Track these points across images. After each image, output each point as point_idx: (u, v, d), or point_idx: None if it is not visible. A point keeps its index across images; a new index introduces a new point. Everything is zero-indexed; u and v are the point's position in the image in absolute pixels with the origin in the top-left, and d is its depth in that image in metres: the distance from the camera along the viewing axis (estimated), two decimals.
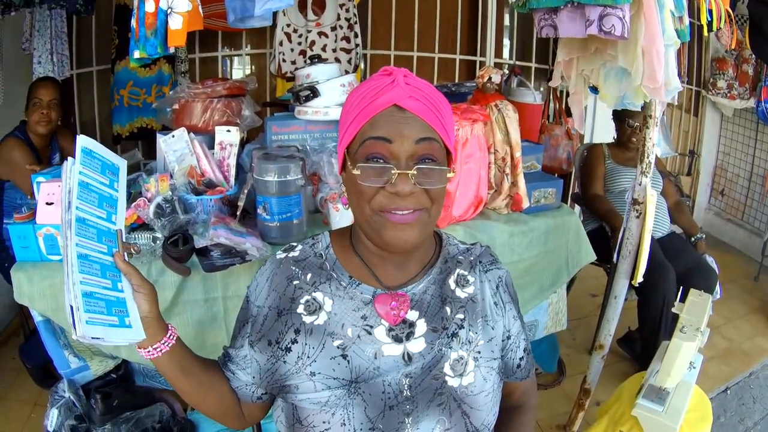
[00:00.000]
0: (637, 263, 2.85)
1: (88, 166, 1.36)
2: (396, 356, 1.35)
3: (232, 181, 2.71)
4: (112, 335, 1.27)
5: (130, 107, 4.41)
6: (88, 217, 1.33)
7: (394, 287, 1.40)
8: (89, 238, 1.32)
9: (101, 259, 1.34)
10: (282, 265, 1.44)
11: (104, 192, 1.41)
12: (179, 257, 2.31)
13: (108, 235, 1.39)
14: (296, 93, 2.86)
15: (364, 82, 1.33)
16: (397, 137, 1.24)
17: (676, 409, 2.47)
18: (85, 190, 1.34)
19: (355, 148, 1.29)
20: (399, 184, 1.23)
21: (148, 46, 2.27)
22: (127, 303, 1.36)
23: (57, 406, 2.55)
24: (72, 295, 1.22)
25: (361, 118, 1.27)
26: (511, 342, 1.52)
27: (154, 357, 1.37)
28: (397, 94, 1.25)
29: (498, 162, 2.92)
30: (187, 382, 1.44)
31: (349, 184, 1.33)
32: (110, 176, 1.45)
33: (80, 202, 1.31)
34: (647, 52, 2.36)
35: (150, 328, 1.36)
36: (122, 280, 1.38)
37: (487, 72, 3.08)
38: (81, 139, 1.36)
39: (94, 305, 1.26)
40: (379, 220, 1.27)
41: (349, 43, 4.54)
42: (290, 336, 1.36)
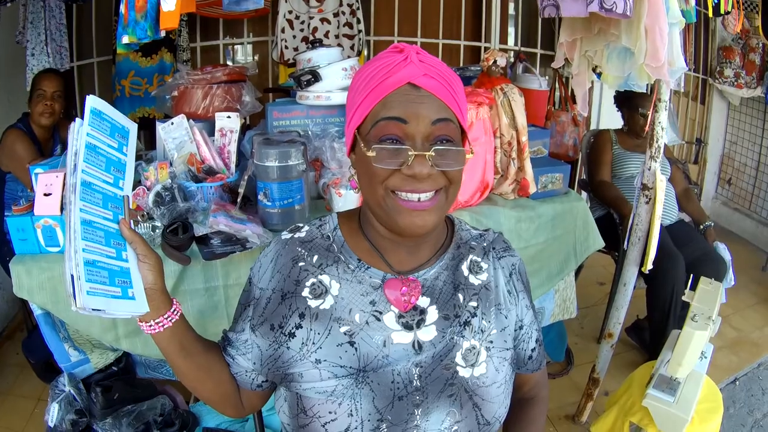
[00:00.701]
0: (646, 250, 2.81)
1: (97, 127, 1.29)
2: (406, 344, 1.31)
3: (232, 167, 2.68)
4: (114, 307, 1.22)
5: (132, 97, 4.39)
6: (94, 181, 1.27)
7: (405, 272, 1.36)
8: (94, 203, 1.26)
9: (106, 226, 1.29)
10: (287, 246, 1.39)
11: (112, 156, 1.35)
12: (179, 246, 2.27)
13: (114, 201, 1.33)
14: (297, 78, 2.82)
15: (374, 59, 1.27)
16: (412, 118, 1.19)
17: (687, 399, 2.44)
18: (93, 152, 1.28)
19: (367, 129, 1.24)
20: (416, 166, 1.18)
21: (138, 29, 2.23)
22: (131, 273, 1.30)
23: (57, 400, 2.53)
24: (73, 264, 1.16)
25: (373, 97, 1.22)
26: (523, 332, 1.48)
27: (156, 332, 1.32)
28: (411, 71, 1.20)
29: (504, 146, 2.88)
30: (185, 362, 1.38)
31: (361, 167, 1.28)
32: (119, 139, 1.38)
33: (86, 165, 1.25)
34: (650, 30, 2.34)
35: (154, 300, 1.31)
36: (127, 249, 1.32)
37: (492, 55, 3.04)
38: (90, 99, 1.29)
39: (96, 274, 1.20)
40: (391, 203, 1.22)
41: (352, 29, 4.51)
42: (294, 320, 1.32)
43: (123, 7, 2.23)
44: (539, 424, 1.64)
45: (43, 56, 3.94)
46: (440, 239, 1.44)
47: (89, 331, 2.33)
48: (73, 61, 4.41)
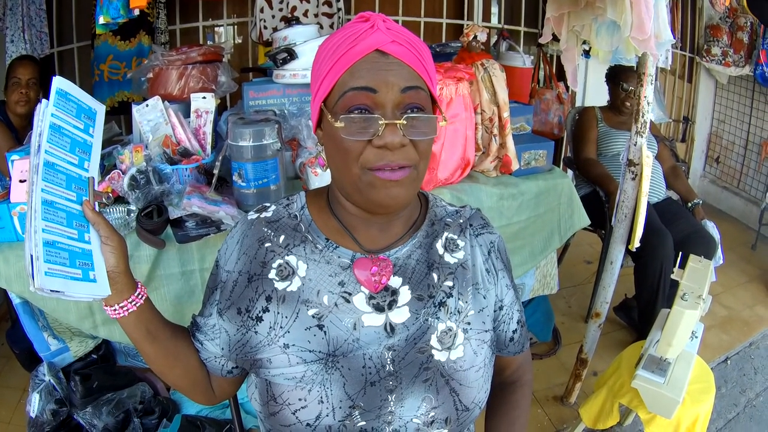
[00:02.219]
0: (633, 227, 2.78)
1: (63, 108, 1.29)
2: (377, 327, 1.26)
3: (208, 149, 2.63)
4: (74, 288, 1.19)
5: (111, 81, 4.33)
6: (57, 162, 1.25)
7: (376, 251, 1.30)
8: (57, 183, 1.24)
9: (68, 207, 1.26)
10: (253, 227, 1.34)
11: (78, 137, 1.33)
12: (153, 229, 2.23)
13: (78, 182, 1.31)
14: (273, 56, 2.77)
15: (338, 30, 1.21)
16: (382, 86, 1.14)
17: (678, 380, 2.42)
18: (57, 133, 1.26)
19: (334, 101, 1.18)
20: (387, 135, 1.13)
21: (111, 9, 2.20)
22: (93, 255, 1.27)
23: (38, 390, 2.52)
24: (32, 243, 1.14)
25: (339, 67, 1.16)
26: (503, 313, 1.43)
27: (120, 316, 1.28)
28: (378, 38, 1.15)
29: (485, 123, 2.84)
30: (152, 347, 1.35)
31: (330, 142, 1.21)
32: (86, 120, 1.37)
33: (50, 146, 1.23)
34: (636, 2, 2.31)
35: (117, 284, 1.27)
36: (90, 231, 1.29)
37: (473, 30, 3.00)
38: (57, 81, 1.28)
39: (56, 255, 1.18)
40: (368, 179, 1.16)
41: (331, 8, 4.45)
42: (261, 304, 1.27)
43: None
44: (523, 409, 1.58)
45: (20, 43, 3.90)
46: (413, 216, 1.38)
47: (67, 319, 2.30)
48: (54, 46, 4.36)
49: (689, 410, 2.45)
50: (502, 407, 1.57)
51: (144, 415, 2.66)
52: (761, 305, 4.60)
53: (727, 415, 3.48)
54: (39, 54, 4.01)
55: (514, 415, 1.55)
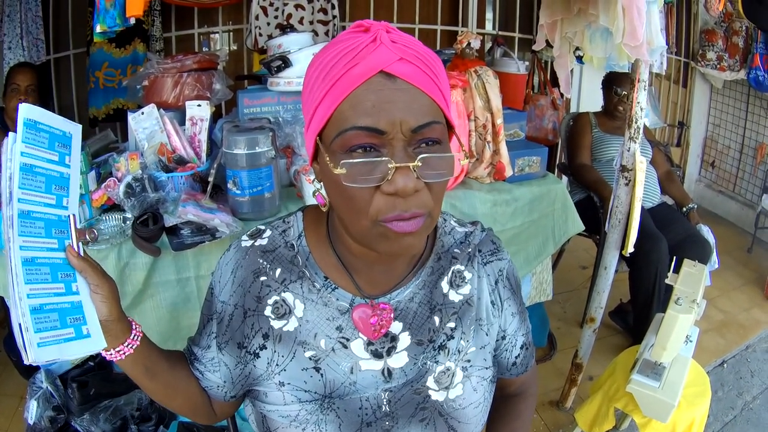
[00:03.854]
0: (627, 233, 2.78)
1: (33, 142, 1.13)
2: (375, 371, 1.22)
3: (203, 156, 2.63)
4: (69, 351, 1.11)
5: (106, 89, 4.32)
6: (33, 208, 1.12)
7: (376, 295, 1.23)
8: (35, 234, 1.12)
9: (51, 258, 1.15)
10: (248, 256, 1.25)
11: (53, 171, 1.18)
12: (149, 237, 2.22)
13: (59, 225, 1.18)
14: (268, 64, 2.77)
15: (333, 42, 1.04)
16: (389, 126, 0.97)
17: (674, 384, 2.42)
18: (29, 174, 1.12)
19: (330, 137, 1.02)
20: (399, 180, 0.96)
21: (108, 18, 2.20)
22: (83, 307, 1.17)
23: (35, 397, 2.52)
24: (19, 312, 1.05)
25: (336, 94, 0.99)
26: (506, 342, 1.39)
27: (117, 360, 1.21)
28: (382, 56, 0.98)
29: (479, 129, 2.85)
30: (152, 382, 1.28)
31: (331, 185, 1.07)
32: (60, 149, 1.20)
33: (23, 192, 1.09)
34: (628, 9, 2.31)
35: (111, 331, 1.18)
36: (77, 280, 1.18)
37: (466, 37, 3.01)
38: (23, 109, 1.11)
39: (45, 320, 1.08)
40: (380, 231, 1.02)
41: (326, 15, 4.45)
42: (258, 341, 1.23)
43: None
44: (525, 420, 1.54)
45: (18, 50, 3.90)
46: (418, 253, 1.29)
47: None
48: (50, 53, 4.36)
49: (685, 414, 2.46)
50: (505, 417, 1.53)
51: (141, 422, 2.66)
52: (757, 308, 4.61)
53: (724, 418, 3.49)
54: (35, 61, 4.00)
55: (516, 425, 1.52)
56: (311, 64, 1.07)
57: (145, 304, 2.37)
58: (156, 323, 2.39)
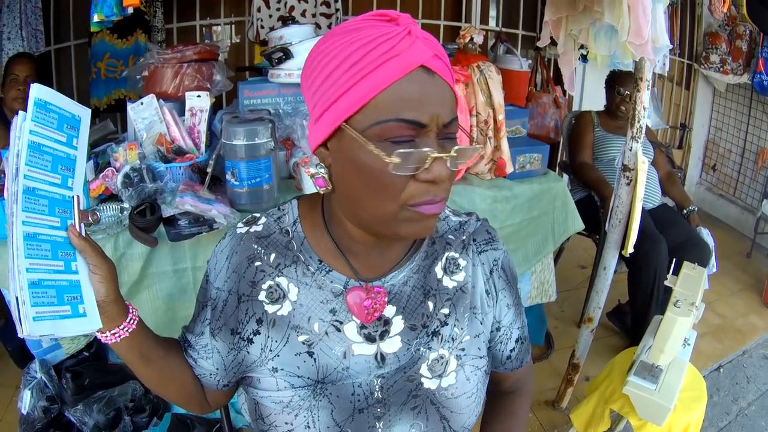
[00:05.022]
0: (627, 233, 2.77)
1: (42, 122, 1.15)
2: (368, 356, 1.23)
3: (202, 147, 2.63)
4: (64, 328, 1.12)
5: (108, 79, 4.33)
6: (38, 185, 1.15)
7: (371, 278, 1.24)
8: (39, 211, 1.14)
9: (53, 236, 1.17)
10: (243, 243, 1.26)
11: (60, 152, 1.21)
12: (146, 227, 2.22)
13: (62, 205, 1.21)
14: (268, 55, 2.77)
15: (349, 29, 1.02)
16: (430, 119, 1.00)
17: (670, 387, 2.41)
18: (36, 152, 1.14)
19: (365, 125, 1.00)
20: (435, 168, 1.01)
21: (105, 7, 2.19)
22: (81, 287, 1.19)
23: (29, 387, 2.52)
24: (17, 286, 1.06)
25: (374, 83, 0.98)
26: (501, 334, 1.39)
27: (112, 342, 1.22)
28: (421, 50, 0.98)
29: (480, 125, 2.84)
30: (147, 368, 1.30)
31: (353, 171, 1.06)
32: (69, 131, 1.23)
33: (29, 169, 1.12)
34: (633, 7, 2.29)
35: (107, 312, 1.20)
36: (77, 259, 1.20)
37: (469, 32, 2.99)
38: (35, 89, 1.14)
39: (42, 295, 1.10)
40: (406, 215, 1.05)
41: (329, 8, 4.44)
42: (252, 326, 1.23)
43: None
44: (520, 418, 1.54)
45: (17, 40, 3.90)
46: None
47: None
48: (50, 44, 4.36)
49: (680, 417, 2.45)
50: (499, 415, 1.53)
51: (134, 413, 2.66)
52: (755, 314, 4.60)
53: (719, 423, 3.48)
54: (34, 52, 4.00)
55: (511, 424, 1.52)
56: (327, 44, 1.04)
57: (141, 294, 2.37)
58: (152, 314, 2.39)
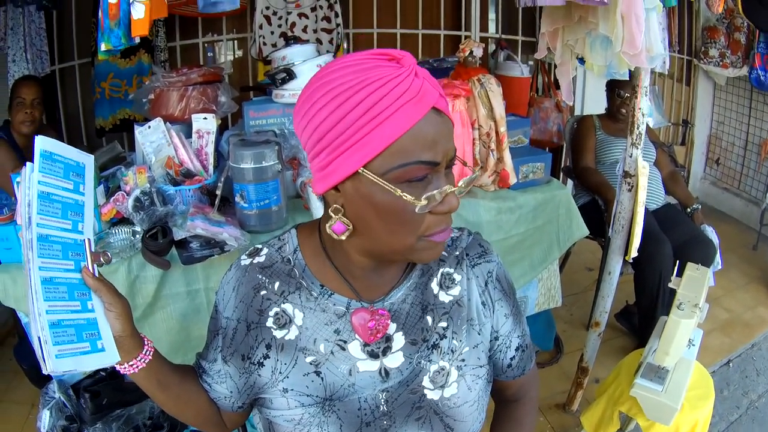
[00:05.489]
0: (630, 238, 2.80)
1: (49, 172, 1.21)
2: (372, 372, 1.27)
3: (210, 169, 2.66)
4: (84, 363, 1.17)
5: (112, 99, 4.37)
6: (51, 232, 1.20)
7: (372, 299, 1.28)
8: (53, 256, 1.19)
9: (68, 278, 1.21)
10: (247, 274, 1.32)
11: (68, 199, 1.26)
12: (158, 250, 2.26)
13: (75, 248, 1.26)
14: (272, 76, 2.81)
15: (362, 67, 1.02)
16: (442, 157, 1.05)
17: (677, 388, 2.43)
18: (47, 201, 1.19)
19: (386, 168, 1.02)
20: (451, 201, 1.07)
21: (113, 37, 2.21)
22: (98, 323, 1.24)
23: (48, 407, 2.54)
24: (39, 326, 1.11)
25: (393, 128, 0.99)
26: (499, 343, 1.42)
27: (131, 373, 1.28)
28: (430, 92, 1.02)
29: (482, 138, 2.87)
30: (164, 395, 1.35)
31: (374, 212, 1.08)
32: (75, 179, 1.29)
33: (41, 217, 1.17)
34: (626, 17, 2.31)
35: (124, 346, 1.25)
36: (92, 298, 1.25)
37: (469, 45, 3.03)
38: (39, 141, 1.19)
39: (63, 334, 1.15)
40: (424, 245, 1.11)
41: (330, 23, 4.48)
42: (262, 351, 1.28)
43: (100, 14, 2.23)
44: (527, 426, 1.57)
45: (22, 62, 3.93)
46: None
47: None
48: (54, 64, 4.40)
49: (688, 416, 2.47)
50: (506, 424, 1.57)
51: (153, 431, 2.68)
52: (762, 306, 4.60)
53: (730, 417, 3.50)
54: (39, 73, 4.05)
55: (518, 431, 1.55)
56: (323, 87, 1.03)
57: (155, 315, 2.41)
58: (166, 334, 2.43)
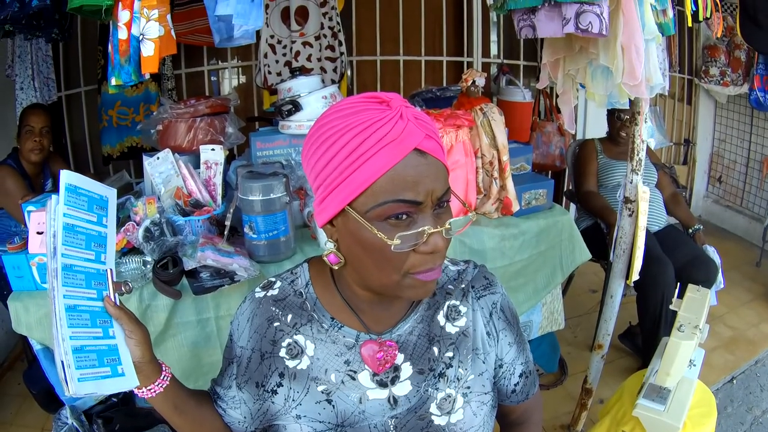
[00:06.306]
0: (631, 261, 2.84)
1: (74, 205, 1.28)
2: (381, 400, 1.31)
3: (219, 199, 2.71)
4: (105, 386, 1.24)
5: (119, 127, 4.41)
6: (75, 262, 1.27)
7: (380, 332, 1.33)
8: (77, 285, 1.27)
9: (91, 306, 1.29)
10: (261, 306, 1.38)
11: (92, 231, 1.34)
12: (169, 280, 2.30)
13: (97, 278, 1.34)
14: (278, 107, 2.85)
15: (352, 111, 1.09)
16: (425, 196, 1.07)
17: (679, 407, 2.45)
18: (71, 233, 1.27)
19: (366, 207, 1.08)
20: (434, 241, 1.10)
21: (123, 73, 2.25)
22: (119, 349, 1.31)
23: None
24: (62, 351, 1.18)
25: (373, 169, 1.05)
26: (503, 370, 1.45)
27: (149, 397, 1.35)
28: (413, 133, 1.06)
29: (485, 166, 2.90)
30: (180, 418, 1.42)
31: (360, 247, 1.14)
32: (98, 211, 1.37)
33: (66, 248, 1.25)
34: (626, 48, 2.34)
35: (143, 372, 1.33)
36: (114, 326, 1.33)
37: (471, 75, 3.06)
38: (64, 176, 1.27)
39: (85, 359, 1.22)
40: (409, 282, 1.15)
41: (334, 52, 4.51)
42: (275, 380, 1.34)
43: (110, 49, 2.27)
44: None
45: (30, 90, 3.97)
46: None
47: None
48: (61, 90, 4.45)
49: None
50: None
51: None
52: (766, 323, 4.61)
53: None
54: (47, 100, 4.09)
55: None
56: (318, 130, 1.12)
57: (167, 343, 2.44)
58: (178, 361, 2.46)
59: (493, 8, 2.67)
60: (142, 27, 2.18)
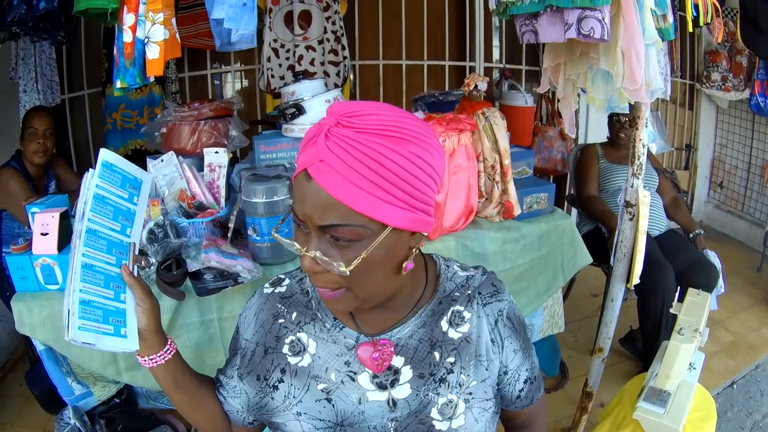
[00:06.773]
0: (632, 266, 2.85)
1: (107, 179, 1.41)
2: (381, 402, 1.31)
3: (222, 202, 2.73)
4: (104, 342, 1.34)
5: (123, 130, 4.43)
6: (100, 228, 1.39)
7: (376, 334, 1.33)
8: (98, 248, 1.39)
9: (107, 270, 1.41)
10: (268, 302, 1.42)
11: (121, 205, 1.47)
12: (173, 282, 2.31)
13: (119, 247, 1.46)
14: (282, 111, 2.87)
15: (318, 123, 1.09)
16: (304, 217, 1.08)
17: (678, 410, 2.46)
18: (100, 203, 1.39)
19: None
20: (303, 259, 1.12)
21: (128, 76, 2.26)
22: (127, 314, 1.42)
23: None
24: (70, 300, 1.29)
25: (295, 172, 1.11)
26: (508, 377, 1.43)
27: (149, 366, 1.43)
28: (310, 154, 1.05)
29: (487, 170, 2.91)
30: (179, 395, 1.48)
31: None
32: (130, 190, 1.50)
33: (93, 215, 1.37)
34: (627, 53, 2.34)
35: (147, 340, 1.42)
36: (126, 292, 1.44)
37: (473, 80, 3.08)
38: (103, 153, 1.41)
39: (90, 313, 1.33)
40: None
41: (337, 56, 4.54)
42: (277, 375, 1.36)
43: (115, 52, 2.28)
44: None
45: (33, 93, 3.99)
46: (414, 295, 1.36)
47: (90, 366, 2.38)
48: (64, 93, 4.46)
49: None
50: None
51: None
52: (767, 327, 4.61)
53: None
54: (50, 103, 4.10)
55: None
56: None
57: None
58: None
59: (496, 13, 2.68)
60: (147, 30, 2.20)
